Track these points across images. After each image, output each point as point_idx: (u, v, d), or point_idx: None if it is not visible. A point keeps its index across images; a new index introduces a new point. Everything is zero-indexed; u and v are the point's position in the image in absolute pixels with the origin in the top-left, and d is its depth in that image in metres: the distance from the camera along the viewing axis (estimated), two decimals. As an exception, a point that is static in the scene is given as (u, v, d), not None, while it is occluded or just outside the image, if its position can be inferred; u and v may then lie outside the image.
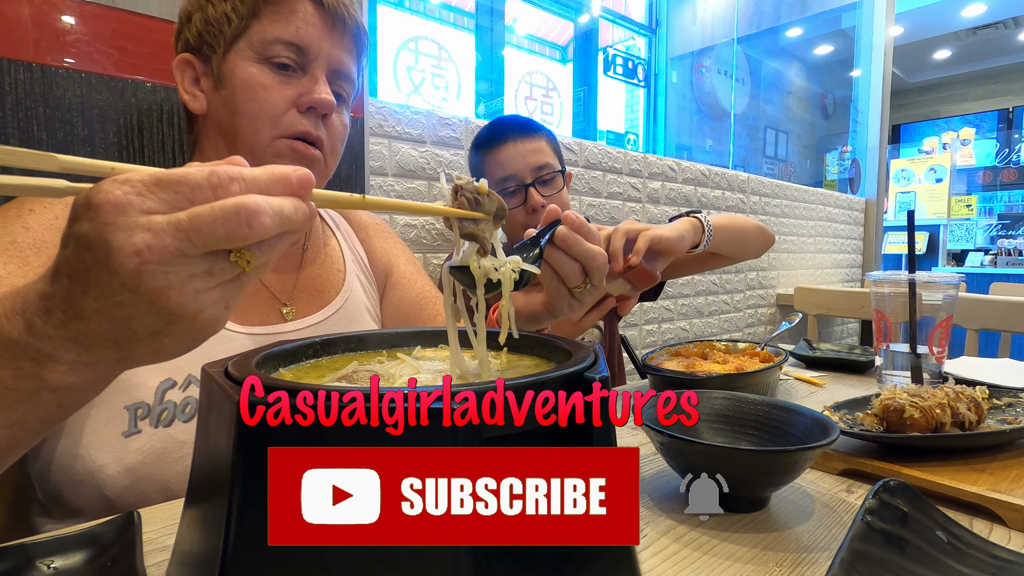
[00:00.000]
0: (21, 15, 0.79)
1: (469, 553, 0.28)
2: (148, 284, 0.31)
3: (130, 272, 0.30)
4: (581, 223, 0.54)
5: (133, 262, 0.30)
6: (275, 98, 0.67)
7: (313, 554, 0.29)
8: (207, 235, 0.30)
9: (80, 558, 0.39)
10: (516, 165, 1.17)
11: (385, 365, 0.45)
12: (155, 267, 0.30)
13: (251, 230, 0.31)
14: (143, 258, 0.30)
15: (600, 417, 0.35)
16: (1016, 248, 5.23)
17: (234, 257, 0.33)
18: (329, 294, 0.79)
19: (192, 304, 0.32)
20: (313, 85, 0.68)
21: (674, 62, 3.63)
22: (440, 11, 2.78)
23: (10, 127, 0.79)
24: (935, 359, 0.86)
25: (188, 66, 0.71)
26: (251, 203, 0.31)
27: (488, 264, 0.42)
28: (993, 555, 0.41)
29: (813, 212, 3.05)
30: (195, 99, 0.71)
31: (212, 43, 0.68)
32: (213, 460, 0.33)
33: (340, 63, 0.72)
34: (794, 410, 0.57)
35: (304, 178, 0.34)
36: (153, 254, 0.30)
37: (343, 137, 0.76)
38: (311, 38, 0.68)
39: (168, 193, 0.31)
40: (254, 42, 0.67)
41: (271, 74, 0.67)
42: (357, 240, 0.90)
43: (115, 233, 0.30)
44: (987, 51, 6.36)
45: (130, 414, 0.60)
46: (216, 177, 0.31)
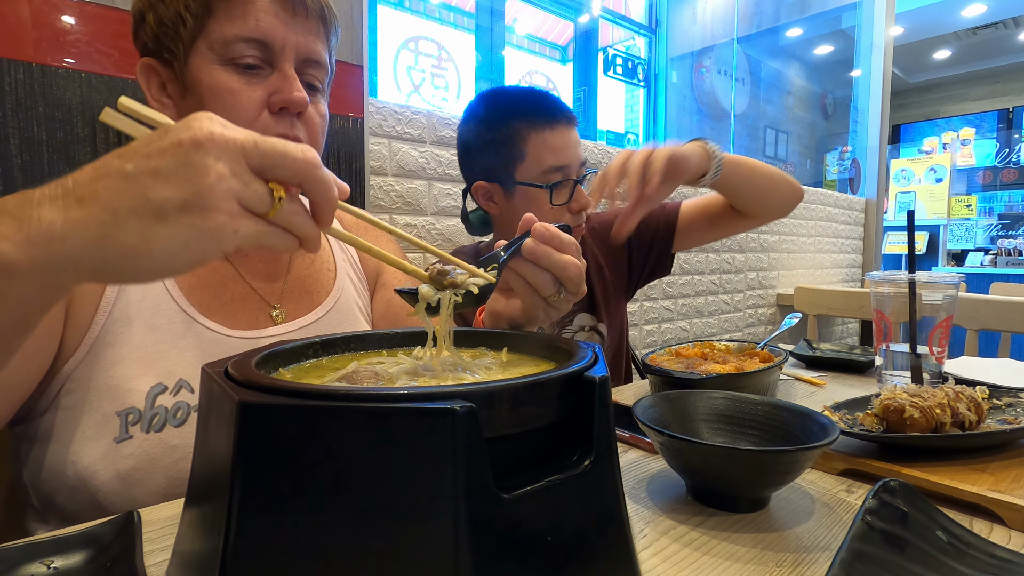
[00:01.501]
0: (21, 15, 0.79)
1: (469, 553, 0.28)
2: (198, 160, 0.33)
3: (193, 143, 0.33)
4: (551, 234, 0.54)
5: (204, 134, 0.33)
6: (244, 102, 0.64)
7: (313, 554, 0.29)
8: (270, 152, 0.35)
9: (80, 558, 0.39)
10: (569, 155, 1.02)
11: (385, 365, 0.45)
12: (216, 148, 0.33)
13: (313, 170, 0.36)
14: (213, 136, 0.33)
15: (600, 417, 0.35)
16: (1016, 248, 5.23)
17: (276, 193, 0.36)
18: (319, 295, 0.79)
19: (218, 198, 0.33)
20: (282, 83, 0.65)
21: (674, 62, 3.63)
22: (440, 11, 2.78)
23: (10, 127, 0.79)
24: (935, 359, 0.86)
25: (152, 71, 0.67)
26: (315, 156, 0.36)
27: (426, 290, 0.46)
28: (993, 555, 0.41)
29: (813, 212, 3.05)
30: (164, 108, 0.68)
31: (171, 46, 0.65)
32: (213, 460, 0.33)
33: (308, 50, 0.68)
34: (794, 410, 0.57)
35: (344, 189, 0.41)
36: (222, 139, 0.33)
37: (323, 128, 0.73)
38: (273, 30, 0.64)
39: (265, 146, 0.35)
40: (214, 43, 0.63)
41: (237, 77, 0.64)
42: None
43: (199, 119, 0.34)
44: (987, 51, 6.36)
45: (121, 420, 0.60)
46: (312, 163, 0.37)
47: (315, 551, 0.28)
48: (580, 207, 1.04)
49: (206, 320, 0.67)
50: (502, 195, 1.06)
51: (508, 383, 0.32)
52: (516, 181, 1.03)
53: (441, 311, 0.46)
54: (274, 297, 0.75)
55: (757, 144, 4.29)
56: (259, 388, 0.31)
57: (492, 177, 1.06)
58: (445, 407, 0.28)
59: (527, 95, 1.06)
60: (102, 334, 0.61)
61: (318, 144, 0.72)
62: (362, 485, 0.29)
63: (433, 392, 0.30)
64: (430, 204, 1.44)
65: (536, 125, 1.01)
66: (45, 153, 0.81)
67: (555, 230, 0.55)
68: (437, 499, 0.28)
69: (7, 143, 0.78)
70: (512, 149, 1.02)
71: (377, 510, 0.29)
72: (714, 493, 0.52)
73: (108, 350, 0.61)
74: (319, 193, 0.38)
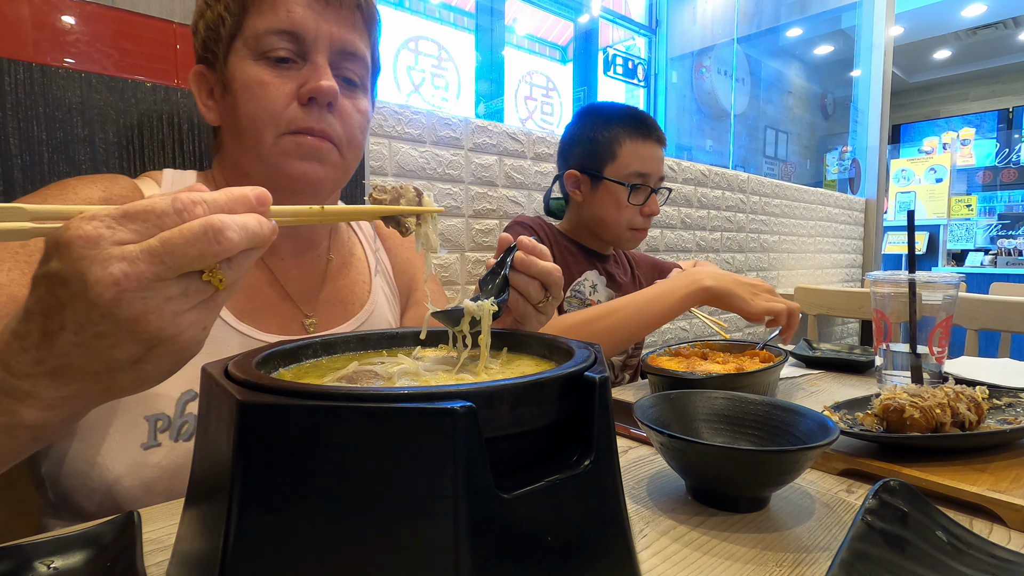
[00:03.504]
0: (21, 15, 0.79)
1: (469, 553, 0.28)
2: (128, 311, 0.31)
3: (109, 302, 0.31)
4: (533, 245, 0.59)
5: (112, 292, 0.31)
6: (273, 94, 0.63)
7: (313, 554, 0.29)
8: (179, 256, 0.32)
9: (80, 558, 0.39)
10: (652, 166, 1.24)
11: (385, 365, 0.45)
12: (133, 294, 0.31)
13: (220, 246, 0.32)
14: (121, 286, 0.31)
15: (600, 417, 0.35)
16: (1016, 248, 5.23)
17: (207, 277, 0.34)
18: (353, 307, 0.77)
19: (171, 327, 0.33)
20: (311, 73, 0.64)
21: (674, 62, 3.63)
22: (440, 11, 2.78)
23: (10, 127, 0.78)
24: (935, 359, 0.86)
25: (202, 78, 0.69)
26: (216, 221, 0.32)
27: (471, 305, 0.48)
28: (993, 555, 0.41)
29: (813, 212, 3.05)
30: (210, 111, 0.69)
31: (214, 48, 0.66)
32: (213, 460, 0.33)
33: (344, 42, 0.66)
34: (794, 410, 0.57)
35: (261, 196, 0.36)
36: (130, 281, 0.31)
37: (361, 125, 0.70)
38: (304, 21, 0.63)
39: (136, 223, 0.32)
40: (248, 39, 0.63)
41: (269, 70, 0.63)
42: (383, 249, 0.88)
43: (91, 266, 0.31)
44: (987, 51, 6.36)
45: (150, 425, 0.59)
46: (179, 203, 0.33)
47: (315, 551, 0.28)
48: (651, 212, 1.26)
49: (239, 324, 0.66)
50: (588, 186, 1.27)
51: (508, 383, 0.32)
52: (604, 176, 1.24)
53: (484, 322, 0.48)
54: (308, 306, 0.73)
55: (757, 144, 4.29)
56: (259, 388, 0.31)
57: (584, 169, 1.27)
58: (445, 407, 0.28)
59: (631, 111, 1.27)
60: None
61: (355, 142, 0.70)
62: (362, 485, 0.29)
63: (433, 392, 0.30)
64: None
65: (632, 135, 1.23)
66: (45, 153, 0.81)
67: (536, 243, 0.59)
68: (437, 499, 0.28)
69: (7, 143, 0.78)
70: (607, 149, 1.24)
71: (377, 510, 0.29)
72: (714, 493, 0.52)
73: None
74: (238, 266, 0.35)
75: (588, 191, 1.27)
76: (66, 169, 0.82)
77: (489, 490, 0.29)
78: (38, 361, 0.34)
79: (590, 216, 1.28)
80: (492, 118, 2.00)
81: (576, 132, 1.30)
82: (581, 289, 1.27)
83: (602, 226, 1.27)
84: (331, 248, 0.79)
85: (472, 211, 1.53)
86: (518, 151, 1.63)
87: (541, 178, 1.69)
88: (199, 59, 0.69)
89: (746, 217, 2.59)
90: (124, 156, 0.87)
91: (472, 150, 1.52)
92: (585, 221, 1.30)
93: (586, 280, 1.29)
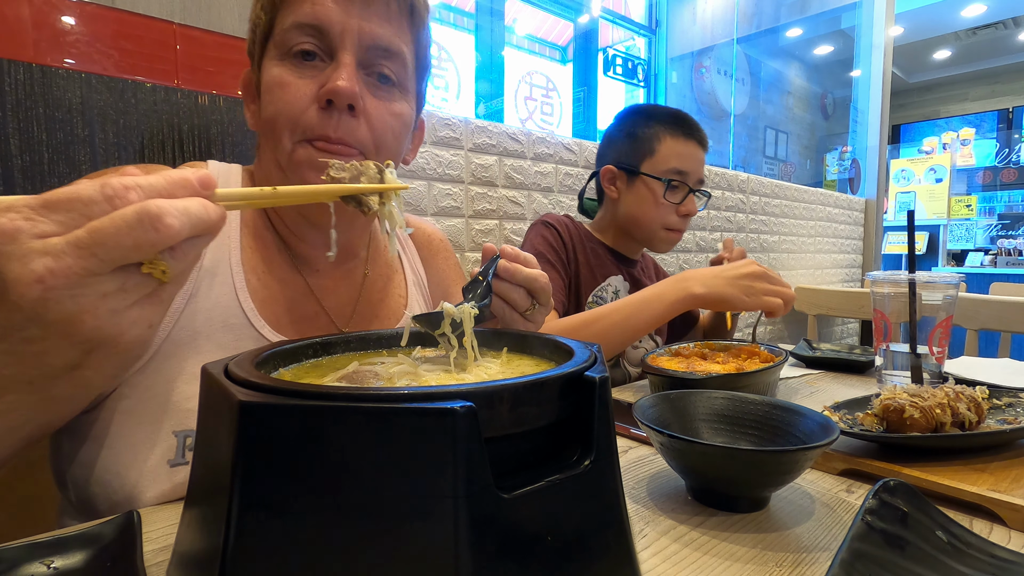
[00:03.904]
0: (21, 15, 0.79)
1: (469, 553, 0.28)
2: (57, 312, 0.28)
3: (34, 302, 0.28)
4: (517, 253, 0.58)
5: (36, 291, 0.28)
6: (291, 96, 0.58)
7: (313, 554, 0.28)
8: (113, 247, 0.28)
9: (80, 558, 0.39)
10: (691, 165, 1.22)
11: (385, 365, 0.45)
12: (61, 292, 0.28)
13: (159, 234, 0.29)
14: (46, 284, 0.28)
15: (600, 417, 0.35)
16: (1016, 248, 5.23)
17: (147, 269, 0.31)
18: (390, 321, 0.75)
19: (111, 327, 0.30)
20: (333, 72, 0.58)
21: (674, 62, 3.63)
22: (440, 11, 2.78)
23: (10, 127, 0.79)
24: (935, 359, 0.86)
25: (249, 79, 0.67)
26: (153, 207, 0.29)
27: (450, 308, 0.48)
28: (993, 555, 0.41)
29: (813, 212, 3.05)
30: (252, 115, 0.66)
31: (252, 51, 0.63)
32: (213, 460, 0.33)
33: (375, 37, 0.60)
34: (794, 410, 0.57)
35: (204, 178, 0.33)
36: (57, 278, 0.28)
37: (395, 129, 0.63)
38: (329, 14, 0.57)
39: (60, 213, 0.29)
40: (276, 37, 0.60)
41: (291, 69, 0.59)
42: (419, 259, 0.85)
43: (8, 263, 0.28)
44: (987, 51, 6.36)
45: (179, 441, 0.56)
46: (110, 188, 0.29)
47: (315, 551, 0.28)
48: (687, 212, 1.23)
49: (277, 336, 0.64)
50: (624, 182, 1.26)
51: (508, 383, 0.32)
52: (640, 172, 1.23)
53: (464, 323, 0.48)
54: (343, 319, 0.71)
55: (757, 144, 4.29)
56: (259, 388, 0.31)
57: (621, 164, 1.26)
58: (445, 407, 0.28)
59: (674, 111, 1.26)
60: (166, 343, 0.57)
61: (386, 148, 0.63)
62: (362, 485, 0.29)
63: (433, 392, 0.30)
64: (430, 204, 1.44)
65: (671, 132, 1.22)
66: (45, 153, 0.81)
67: (520, 251, 0.59)
68: (437, 499, 0.28)
69: (7, 143, 0.78)
70: (645, 144, 1.23)
71: (377, 510, 0.29)
72: (714, 493, 0.52)
73: (170, 361, 0.57)
74: (184, 256, 0.32)
75: (624, 187, 1.26)
76: (66, 170, 0.82)
77: (489, 490, 0.29)
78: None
79: (624, 214, 1.26)
80: (492, 118, 2.00)
81: (617, 129, 1.29)
82: (603, 296, 1.24)
83: (635, 225, 1.25)
84: (369, 259, 0.77)
85: (472, 211, 1.53)
86: (518, 151, 1.63)
87: (541, 178, 1.69)
88: (249, 62, 0.66)
89: (746, 217, 2.58)
90: (124, 157, 0.87)
91: (472, 150, 1.52)
92: (619, 220, 1.28)
93: (609, 286, 1.26)
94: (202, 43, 0.95)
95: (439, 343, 0.52)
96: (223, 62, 0.97)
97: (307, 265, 0.70)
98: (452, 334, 0.48)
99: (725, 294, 0.98)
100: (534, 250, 1.18)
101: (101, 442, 0.56)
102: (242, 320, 0.61)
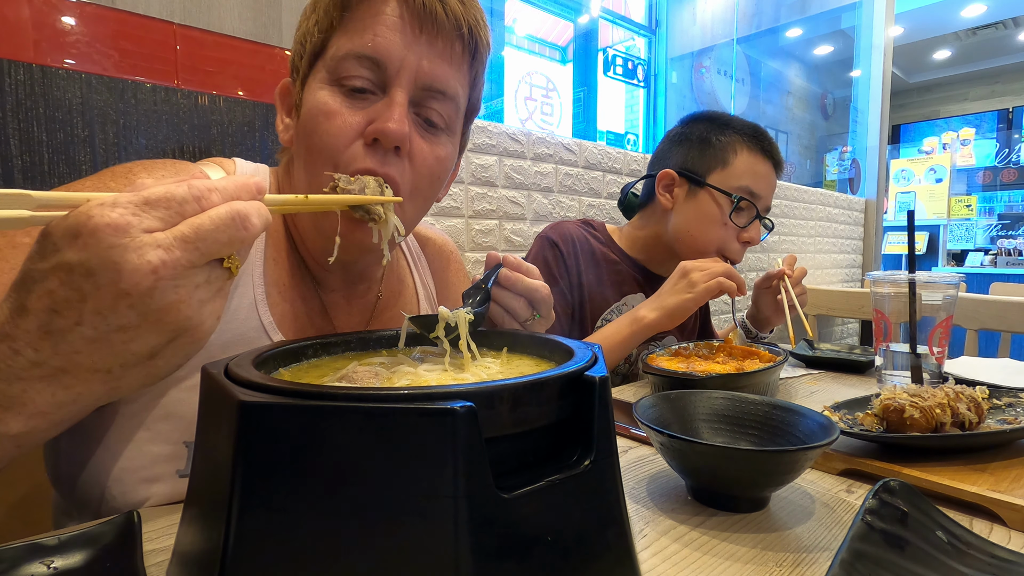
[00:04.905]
0: (21, 16, 0.79)
1: (469, 553, 0.28)
2: (160, 300, 0.31)
3: (145, 291, 0.30)
4: (519, 263, 0.58)
5: (149, 280, 0.30)
6: (338, 128, 0.55)
7: (313, 554, 0.29)
8: (212, 242, 0.32)
9: (80, 558, 0.39)
10: (764, 188, 1.12)
11: (385, 365, 0.45)
12: (167, 282, 0.31)
13: (247, 232, 0.33)
14: (159, 275, 0.30)
15: (600, 417, 0.35)
16: (1016, 248, 5.23)
17: (227, 263, 0.34)
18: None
19: (197, 315, 0.33)
20: (384, 109, 0.55)
21: (674, 62, 3.63)
22: (440, 11, 2.78)
23: (10, 128, 0.79)
24: (935, 359, 0.86)
25: (286, 91, 0.64)
26: (241, 208, 0.33)
27: (445, 312, 0.49)
28: (993, 555, 0.41)
29: (813, 212, 3.05)
30: (286, 130, 0.64)
31: (298, 64, 0.60)
32: (213, 460, 0.33)
33: (433, 77, 0.57)
34: (794, 410, 0.57)
35: (260, 185, 0.37)
36: (167, 269, 0.31)
37: (435, 173, 0.61)
38: (390, 48, 0.55)
39: (160, 210, 0.31)
40: (328, 60, 0.57)
41: (340, 99, 0.56)
42: (429, 272, 0.85)
43: (125, 254, 0.30)
44: (987, 51, 6.36)
45: (189, 452, 0.55)
46: (196, 189, 0.33)
47: (315, 551, 0.28)
48: (749, 238, 1.11)
49: None
50: (684, 191, 1.13)
51: (508, 383, 0.32)
52: (707, 183, 1.10)
53: (460, 327, 0.48)
54: None
55: (757, 144, 4.28)
56: (259, 388, 0.31)
57: (685, 170, 1.12)
58: (445, 407, 0.28)
59: (752, 124, 1.15)
60: None
61: (421, 193, 0.61)
62: (362, 485, 0.29)
63: (433, 392, 0.30)
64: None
65: (751, 148, 1.11)
66: (45, 154, 0.81)
67: (523, 261, 0.59)
68: (437, 499, 0.28)
69: (7, 144, 0.78)
70: (720, 153, 1.11)
71: (377, 510, 0.29)
72: (714, 493, 0.52)
73: (183, 368, 0.58)
74: (246, 253, 0.37)
75: (683, 197, 1.12)
76: (66, 170, 0.82)
77: (489, 490, 0.29)
78: (35, 364, 0.32)
79: (676, 227, 1.13)
80: (492, 118, 2.00)
81: (683, 131, 1.17)
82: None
83: (687, 241, 1.12)
84: (384, 280, 0.76)
85: (472, 211, 1.53)
86: (518, 151, 1.63)
87: (541, 178, 1.69)
88: (291, 72, 0.63)
89: (746, 217, 2.58)
90: (123, 157, 0.88)
91: (472, 150, 1.52)
92: (665, 233, 1.15)
93: (626, 305, 1.15)
94: (202, 43, 0.95)
95: (438, 344, 0.53)
96: (223, 62, 0.97)
97: (323, 284, 0.70)
98: (446, 338, 0.48)
99: (671, 305, 0.96)
100: None
101: (102, 443, 0.56)
102: (259, 333, 0.61)
